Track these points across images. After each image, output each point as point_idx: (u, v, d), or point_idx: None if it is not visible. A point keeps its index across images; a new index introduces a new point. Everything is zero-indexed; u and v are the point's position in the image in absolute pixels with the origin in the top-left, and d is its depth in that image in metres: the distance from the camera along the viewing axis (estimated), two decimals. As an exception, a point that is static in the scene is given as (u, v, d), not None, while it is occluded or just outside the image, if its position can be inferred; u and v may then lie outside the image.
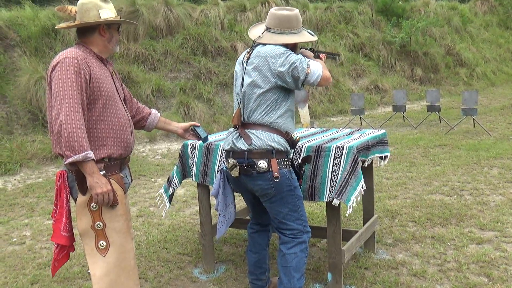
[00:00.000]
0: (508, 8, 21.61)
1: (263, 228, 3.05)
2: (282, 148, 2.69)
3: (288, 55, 2.63)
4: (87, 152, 2.24)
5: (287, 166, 2.72)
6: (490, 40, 19.99)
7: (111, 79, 2.52)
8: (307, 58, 2.71)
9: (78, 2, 2.46)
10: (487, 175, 6.00)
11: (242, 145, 2.68)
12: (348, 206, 2.91)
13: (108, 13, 2.46)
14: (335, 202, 2.93)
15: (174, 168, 3.68)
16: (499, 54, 19.39)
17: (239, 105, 2.76)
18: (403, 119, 10.97)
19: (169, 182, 3.67)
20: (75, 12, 2.48)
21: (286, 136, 2.73)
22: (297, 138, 2.83)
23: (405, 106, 10.59)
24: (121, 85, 2.68)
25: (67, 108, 2.23)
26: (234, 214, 3.00)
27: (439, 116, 10.44)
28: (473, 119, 9.49)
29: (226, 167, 2.82)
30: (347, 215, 3.00)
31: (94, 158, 2.30)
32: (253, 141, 2.65)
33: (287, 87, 2.68)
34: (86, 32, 2.47)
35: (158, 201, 3.78)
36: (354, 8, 16.46)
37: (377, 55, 15.37)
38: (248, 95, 2.70)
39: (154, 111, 2.90)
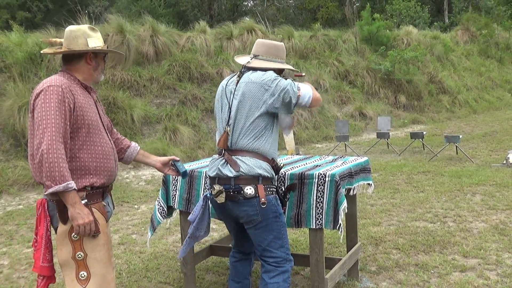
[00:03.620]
0: (488, 38, 22.20)
1: (246, 257, 3.03)
2: (269, 175, 2.71)
3: (279, 80, 2.69)
4: (68, 183, 2.22)
5: (273, 192, 2.74)
6: (471, 68, 20.42)
7: (95, 107, 2.52)
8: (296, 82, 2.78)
9: (67, 29, 2.48)
10: (470, 202, 6.06)
11: (228, 171, 2.67)
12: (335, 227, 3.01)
13: (96, 42, 2.48)
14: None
15: (159, 195, 3.64)
16: (480, 82, 19.78)
17: (225, 129, 2.74)
18: (387, 146, 11.07)
19: (152, 219, 3.65)
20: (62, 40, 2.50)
21: (272, 162, 2.75)
22: (281, 165, 2.85)
23: (389, 133, 10.70)
24: (104, 113, 2.67)
25: (49, 137, 2.22)
26: (200, 238, 2.97)
27: (423, 143, 10.56)
28: (456, 146, 9.62)
29: (211, 194, 2.81)
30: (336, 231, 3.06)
31: (76, 188, 2.28)
32: (240, 167, 2.64)
33: (277, 112, 2.72)
34: (72, 59, 2.48)
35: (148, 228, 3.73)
36: (339, 37, 16.77)
37: (361, 82, 15.59)
38: (238, 120, 2.69)
39: (133, 144, 2.86)
